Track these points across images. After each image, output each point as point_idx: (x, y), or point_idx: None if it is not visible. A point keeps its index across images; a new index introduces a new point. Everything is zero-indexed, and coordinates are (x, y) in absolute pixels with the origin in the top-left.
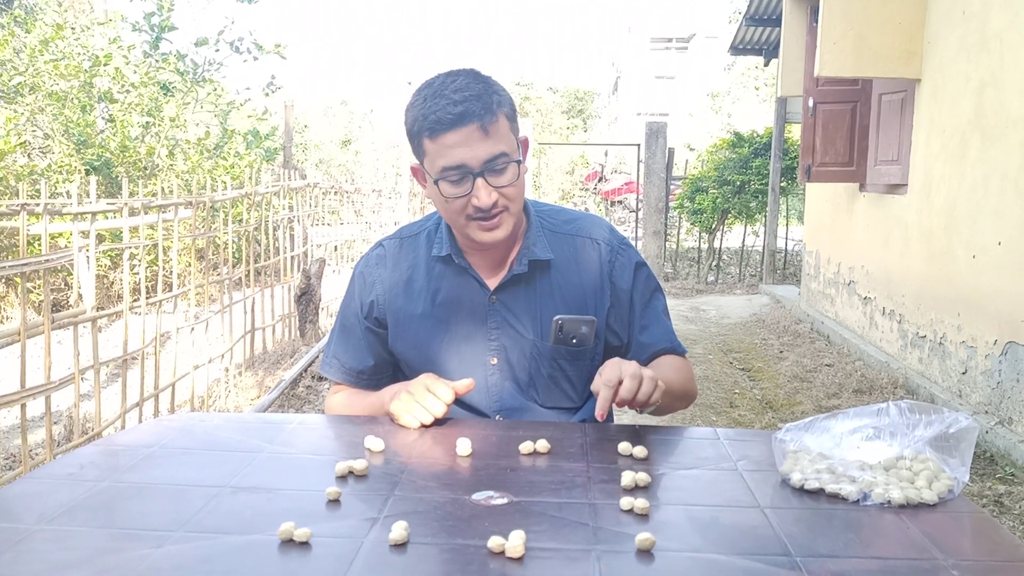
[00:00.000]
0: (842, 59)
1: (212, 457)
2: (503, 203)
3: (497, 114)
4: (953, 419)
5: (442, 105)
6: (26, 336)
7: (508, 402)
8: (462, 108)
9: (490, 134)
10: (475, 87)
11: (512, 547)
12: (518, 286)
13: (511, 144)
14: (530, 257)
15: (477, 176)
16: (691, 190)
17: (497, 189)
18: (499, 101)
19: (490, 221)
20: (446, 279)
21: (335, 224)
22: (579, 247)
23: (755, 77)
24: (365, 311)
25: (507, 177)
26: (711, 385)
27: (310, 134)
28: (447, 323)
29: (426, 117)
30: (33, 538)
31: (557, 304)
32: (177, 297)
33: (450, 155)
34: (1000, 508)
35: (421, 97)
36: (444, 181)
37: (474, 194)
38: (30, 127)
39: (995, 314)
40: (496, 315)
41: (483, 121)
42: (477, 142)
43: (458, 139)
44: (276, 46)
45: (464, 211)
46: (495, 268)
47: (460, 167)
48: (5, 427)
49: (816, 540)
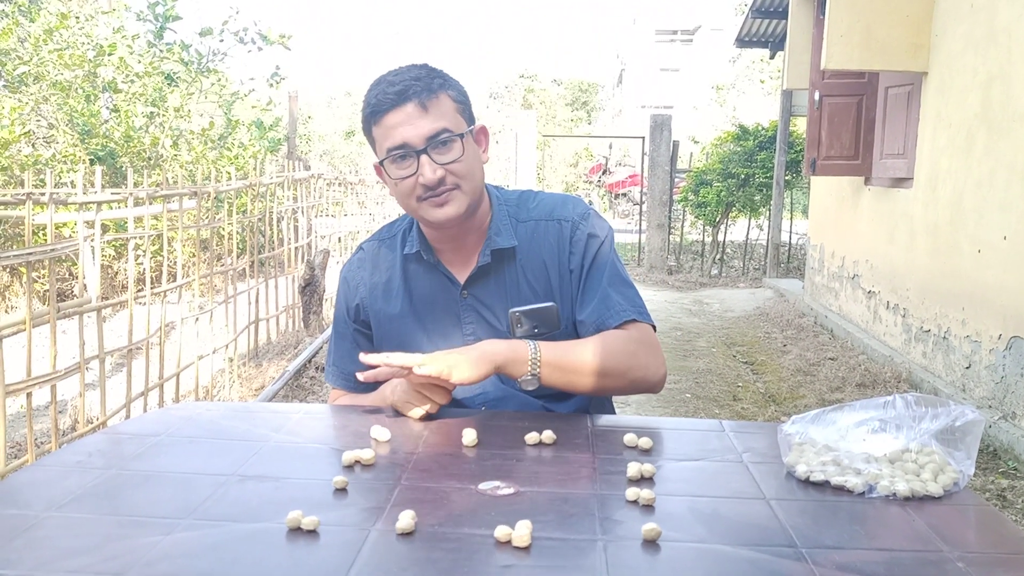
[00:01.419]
0: (848, 52)
1: (219, 446)
2: (452, 180)
3: (438, 93)
4: (959, 412)
5: (382, 89)
6: (32, 325)
7: (492, 393)
8: (400, 87)
9: (429, 111)
10: (416, 72)
11: (519, 536)
12: (487, 278)
13: (455, 122)
14: (492, 247)
15: (421, 153)
16: (695, 183)
17: (443, 166)
18: (442, 84)
19: (439, 198)
20: (419, 277)
21: (339, 215)
22: (543, 231)
23: (760, 70)
24: (352, 314)
25: (452, 153)
26: (714, 378)
27: (314, 125)
28: (424, 321)
29: (368, 105)
30: (42, 525)
31: (525, 292)
32: (181, 287)
33: (392, 135)
34: (1003, 502)
35: (367, 93)
36: (389, 162)
37: (419, 172)
38: (34, 117)
39: (1000, 309)
40: (469, 309)
41: (421, 98)
42: (417, 119)
43: (398, 118)
44: (281, 37)
45: (414, 191)
46: (463, 263)
47: (403, 146)
48: (11, 416)
49: (821, 532)
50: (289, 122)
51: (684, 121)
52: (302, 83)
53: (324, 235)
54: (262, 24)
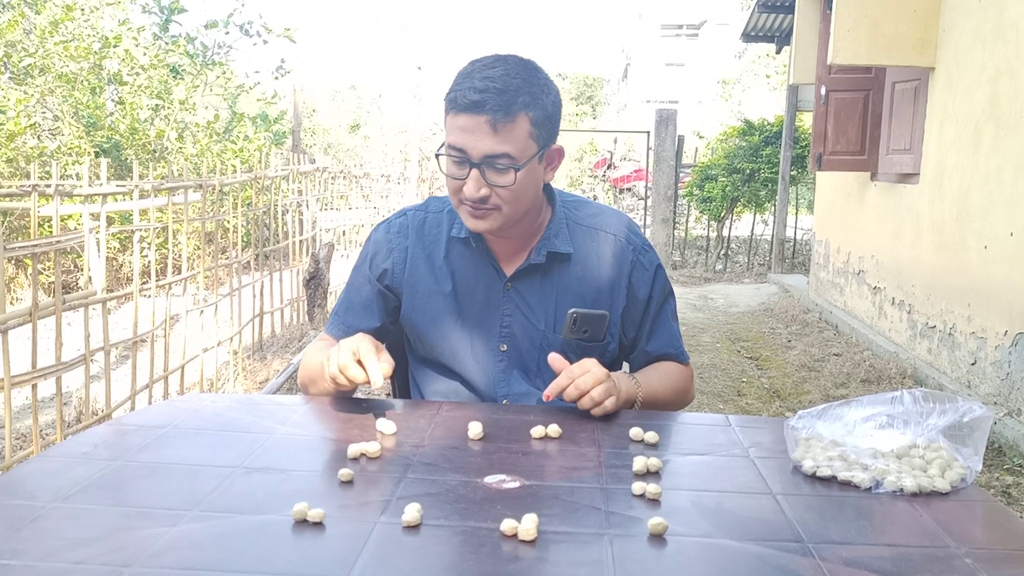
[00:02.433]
0: (855, 47)
1: (224, 438)
2: (495, 201)
3: (516, 115)
4: (967, 408)
5: (466, 87)
6: (37, 317)
7: (515, 387)
8: (479, 97)
9: (499, 132)
10: (507, 80)
11: (525, 530)
12: (534, 276)
13: (521, 148)
14: (549, 249)
15: (474, 166)
16: (700, 178)
17: (491, 186)
18: (527, 103)
19: (477, 211)
20: (464, 260)
21: (343, 209)
22: (601, 242)
23: (766, 65)
24: (376, 274)
25: (504, 179)
26: (718, 373)
27: (318, 118)
28: (462, 304)
29: (452, 91)
30: (48, 515)
31: (572, 297)
32: (186, 280)
33: (456, 136)
34: (1008, 499)
35: (460, 72)
36: (446, 157)
37: (465, 182)
38: (40, 109)
39: (1006, 305)
40: (510, 302)
41: (495, 117)
42: (483, 135)
43: (467, 124)
44: (286, 30)
45: (457, 193)
46: (513, 255)
47: (461, 151)
48: (16, 407)
49: (828, 527)
50: (294, 115)
51: (689, 116)
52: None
53: (328, 229)
54: (267, 17)
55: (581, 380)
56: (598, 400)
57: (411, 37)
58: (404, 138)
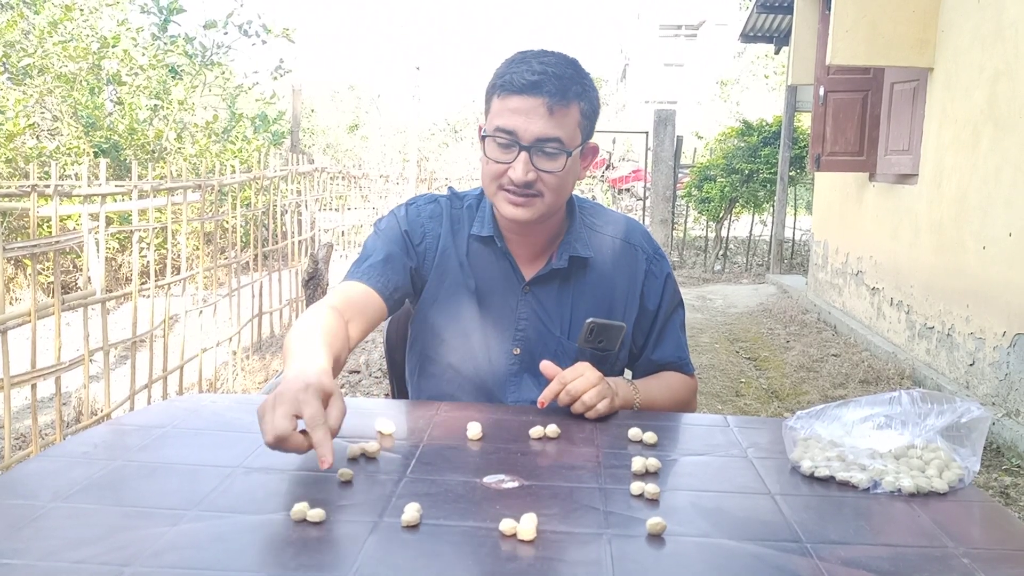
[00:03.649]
0: (854, 47)
1: (224, 438)
2: (540, 187)
3: (571, 102)
4: (965, 408)
5: (522, 70)
6: (36, 317)
7: (525, 393)
8: (537, 78)
9: (554, 115)
10: (562, 68)
11: (524, 530)
12: (553, 281)
13: (571, 136)
14: (571, 253)
15: (524, 150)
16: (699, 179)
17: (538, 171)
18: (579, 93)
19: (520, 198)
20: (484, 259)
21: (342, 209)
22: (617, 250)
23: (765, 65)
24: (407, 247)
25: (554, 164)
26: (717, 374)
27: (317, 118)
28: (482, 303)
29: (502, 76)
30: (49, 515)
31: (588, 305)
32: (185, 280)
33: (508, 118)
34: (1006, 499)
35: (508, 60)
36: (492, 141)
37: (513, 165)
38: (39, 109)
39: (1004, 306)
40: (527, 306)
41: (551, 101)
42: (538, 118)
43: (521, 106)
44: (284, 30)
45: (499, 178)
46: (533, 259)
47: (511, 133)
48: (15, 408)
49: (826, 527)
50: (292, 116)
51: (688, 116)
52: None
53: (328, 229)
54: (266, 17)
55: (573, 385)
56: (590, 404)
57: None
58: (403, 138)
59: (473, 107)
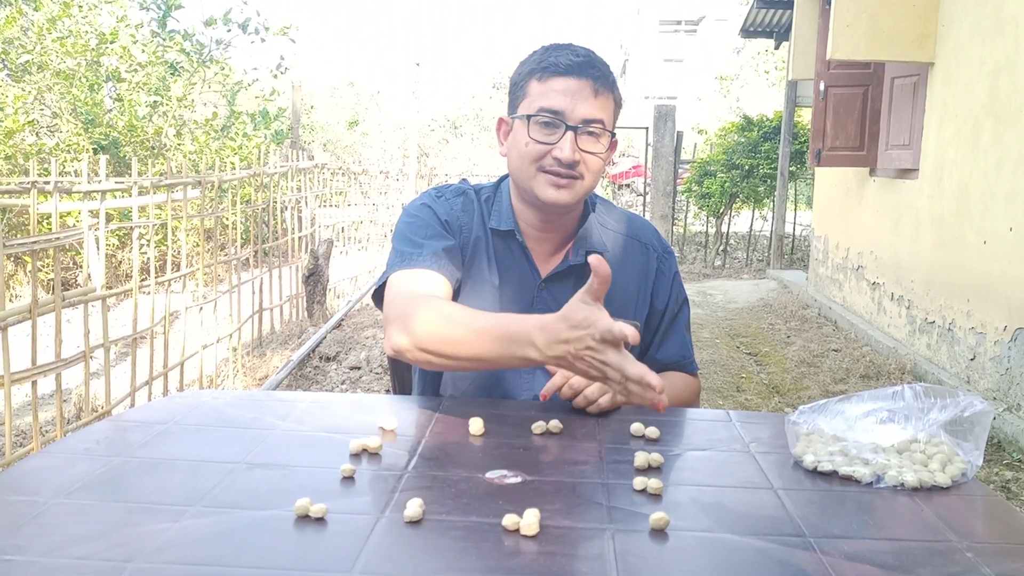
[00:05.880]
0: (855, 42)
1: (225, 434)
2: (581, 169)
3: (610, 88)
4: (968, 403)
5: (564, 54)
6: (36, 314)
7: (539, 389)
8: (583, 60)
9: (598, 97)
10: (597, 58)
11: (527, 525)
12: (569, 278)
13: (610, 120)
14: (587, 248)
15: (570, 129)
16: (699, 174)
17: (583, 151)
18: (613, 83)
19: (561, 179)
20: (503, 254)
21: (342, 206)
22: (629, 248)
23: (765, 60)
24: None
25: (596, 146)
26: (717, 369)
27: (316, 115)
28: (498, 299)
29: (541, 61)
30: (51, 511)
31: (603, 302)
32: (185, 277)
33: (553, 99)
34: (1007, 494)
35: (542, 49)
36: (536, 122)
37: (559, 145)
38: (38, 106)
39: (1005, 300)
40: (542, 303)
41: (597, 84)
42: (584, 99)
43: (568, 87)
44: (283, 29)
45: (539, 160)
46: (549, 255)
47: (558, 113)
48: (16, 404)
49: (829, 521)
50: (292, 112)
51: (688, 112)
52: (304, 72)
53: (327, 225)
54: (265, 13)
55: (575, 379)
56: (592, 399)
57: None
58: (403, 134)
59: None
